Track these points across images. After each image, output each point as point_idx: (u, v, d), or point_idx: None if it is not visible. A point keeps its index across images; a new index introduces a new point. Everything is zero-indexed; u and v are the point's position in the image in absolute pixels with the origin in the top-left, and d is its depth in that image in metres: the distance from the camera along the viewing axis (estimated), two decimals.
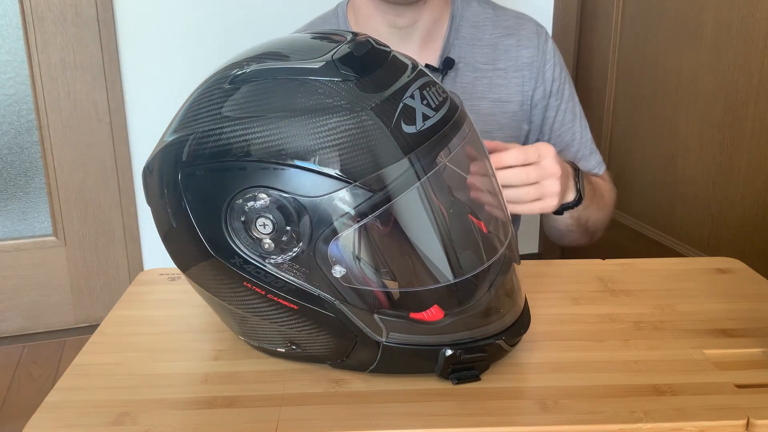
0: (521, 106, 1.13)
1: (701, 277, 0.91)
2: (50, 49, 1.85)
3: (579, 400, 0.65)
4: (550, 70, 1.14)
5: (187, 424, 0.63)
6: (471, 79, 1.12)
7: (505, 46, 1.13)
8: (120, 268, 2.06)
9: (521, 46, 1.13)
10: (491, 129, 1.12)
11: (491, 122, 1.12)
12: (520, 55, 1.13)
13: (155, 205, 0.68)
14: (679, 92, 1.74)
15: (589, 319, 0.80)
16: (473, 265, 0.69)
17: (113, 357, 0.75)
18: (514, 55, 1.13)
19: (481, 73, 1.12)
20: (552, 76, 1.14)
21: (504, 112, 1.13)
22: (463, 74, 1.12)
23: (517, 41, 1.13)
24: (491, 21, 1.14)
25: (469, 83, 1.12)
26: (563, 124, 1.16)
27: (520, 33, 1.14)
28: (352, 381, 0.69)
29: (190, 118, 0.66)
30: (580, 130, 1.17)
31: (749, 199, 1.57)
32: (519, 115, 1.13)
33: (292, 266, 0.63)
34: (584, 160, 1.16)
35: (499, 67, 1.12)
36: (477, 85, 1.12)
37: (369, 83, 0.63)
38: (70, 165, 1.94)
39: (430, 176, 0.63)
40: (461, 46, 1.12)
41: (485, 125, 1.12)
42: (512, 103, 1.13)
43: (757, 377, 0.69)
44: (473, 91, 1.12)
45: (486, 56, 1.12)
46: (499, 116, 1.12)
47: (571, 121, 1.16)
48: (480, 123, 1.10)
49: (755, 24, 1.50)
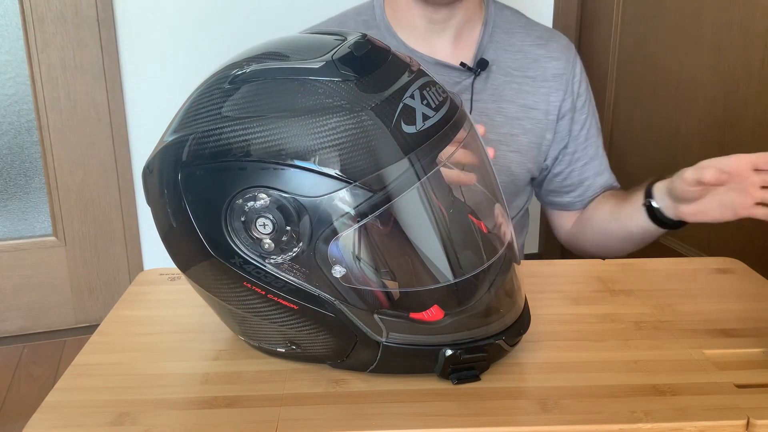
0: (546, 115, 1.16)
1: (701, 277, 0.91)
2: (50, 49, 1.85)
3: (579, 400, 0.65)
4: (578, 84, 1.17)
5: (187, 424, 0.63)
6: (501, 82, 1.14)
7: (536, 56, 1.16)
8: (120, 268, 2.06)
9: (551, 57, 1.16)
10: (517, 132, 1.15)
11: (517, 126, 1.15)
12: (549, 66, 1.16)
13: (155, 205, 0.68)
14: (679, 92, 1.74)
15: (589, 319, 0.80)
16: (473, 265, 0.69)
17: (113, 357, 0.75)
18: (543, 66, 1.16)
19: (511, 78, 1.15)
20: (579, 91, 1.17)
21: (529, 118, 1.15)
22: (494, 76, 1.14)
23: (547, 52, 1.16)
24: (524, 29, 1.17)
25: (500, 86, 1.14)
26: (588, 138, 1.18)
27: (550, 45, 1.17)
28: (352, 381, 0.69)
29: (190, 118, 0.66)
30: (601, 145, 1.21)
31: None
32: (543, 123, 1.16)
33: (292, 266, 0.63)
34: (605, 173, 1.20)
35: (528, 74, 1.15)
36: (506, 89, 1.14)
37: (369, 83, 0.63)
38: (70, 165, 1.94)
39: (430, 176, 0.63)
40: (495, 50, 1.14)
41: (512, 128, 1.14)
42: (538, 111, 1.15)
43: (757, 377, 0.69)
44: (503, 94, 1.14)
45: (517, 62, 1.15)
46: (525, 121, 1.15)
47: (596, 135, 1.20)
48: (507, 125, 1.13)
49: (755, 24, 1.50)
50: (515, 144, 1.15)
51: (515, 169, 1.15)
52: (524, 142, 1.15)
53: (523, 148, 1.15)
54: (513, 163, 1.15)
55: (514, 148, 1.14)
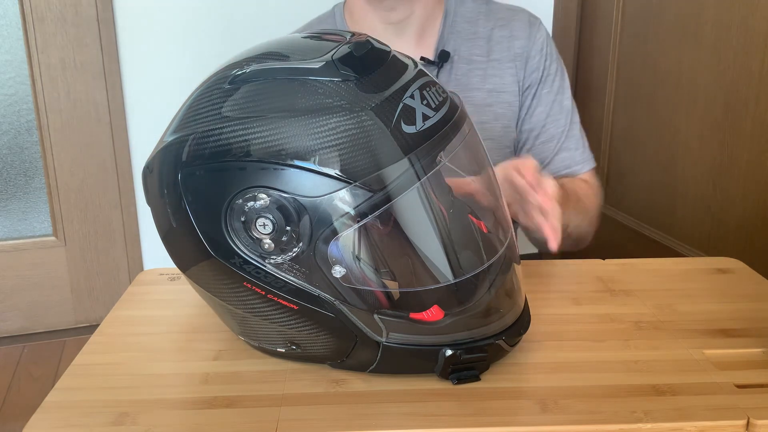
0: (516, 96, 1.14)
1: (701, 277, 0.91)
2: (50, 49, 1.85)
3: (579, 400, 0.65)
4: (538, 57, 1.14)
5: (187, 424, 0.63)
6: (466, 71, 1.12)
7: (498, 38, 1.14)
8: (120, 268, 2.06)
9: (513, 36, 1.14)
10: (488, 119, 1.13)
11: (487, 112, 1.13)
12: (512, 45, 1.14)
13: (155, 205, 0.68)
14: (679, 92, 1.74)
15: (589, 319, 0.80)
16: (473, 265, 0.69)
17: (113, 357, 0.75)
18: (507, 46, 1.14)
19: (476, 65, 1.13)
20: (541, 65, 1.14)
21: (500, 102, 1.13)
22: (457, 66, 1.12)
23: (509, 32, 1.14)
24: (484, 15, 1.16)
25: (464, 75, 1.12)
26: (548, 116, 1.15)
27: (512, 24, 1.15)
28: (352, 381, 0.69)
29: (190, 118, 0.66)
30: (569, 124, 1.16)
31: (749, 199, 1.57)
32: (515, 105, 1.14)
33: (292, 266, 0.63)
34: (567, 152, 1.15)
35: (493, 58, 1.13)
36: (471, 77, 1.13)
37: (369, 83, 0.63)
38: (70, 165, 1.94)
39: (430, 176, 0.63)
40: (456, 40, 1.13)
41: (481, 115, 1.12)
42: (507, 93, 1.13)
43: (757, 377, 0.69)
44: (468, 83, 1.12)
45: (481, 48, 1.13)
46: (495, 106, 1.13)
47: (558, 113, 1.15)
48: (476, 113, 1.09)
49: (755, 24, 1.50)
50: (488, 132, 1.12)
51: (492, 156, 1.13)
52: (497, 128, 1.13)
53: (496, 135, 1.13)
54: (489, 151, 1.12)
55: (487, 135, 1.11)
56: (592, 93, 2.09)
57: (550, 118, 1.15)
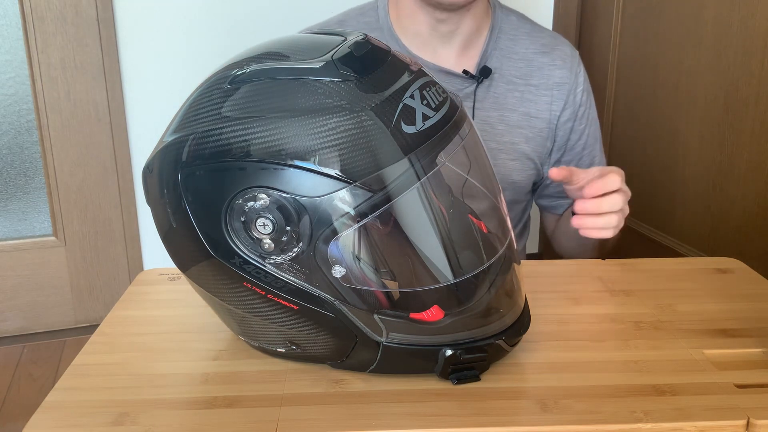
0: (548, 123, 1.15)
1: (701, 277, 0.91)
2: (50, 49, 1.85)
3: (579, 400, 0.65)
4: (580, 94, 1.17)
5: (187, 424, 0.63)
6: (504, 90, 1.14)
7: (540, 64, 1.15)
8: (120, 268, 2.06)
9: (555, 66, 1.15)
10: (519, 141, 1.14)
11: (519, 134, 1.14)
12: (552, 74, 1.15)
13: (155, 205, 0.68)
14: (679, 92, 1.74)
15: (589, 319, 0.80)
16: (473, 265, 0.69)
17: (113, 357, 0.75)
18: (547, 74, 1.15)
19: (514, 86, 1.14)
20: (581, 101, 1.17)
21: (531, 126, 1.15)
22: (497, 84, 1.13)
23: (551, 60, 1.15)
24: (528, 36, 1.16)
25: (502, 94, 1.13)
26: (585, 147, 1.18)
27: (554, 53, 1.16)
28: (352, 381, 0.69)
29: (190, 118, 0.66)
30: (600, 153, 1.21)
31: (749, 199, 1.57)
32: (545, 132, 1.15)
33: (292, 266, 0.63)
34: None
35: (531, 83, 1.14)
36: (509, 97, 1.14)
37: (369, 83, 0.63)
38: (70, 165, 1.94)
39: (430, 176, 0.63)
40: (498, 58, 1.14)
41: (513, 136, 1.14)
42: (539, 120, 1.15)
43: (757, 377, 0.69)
44: (504, 102, 1.13)
45: (520, 70, 1.14)
46: (527, 129, 1.14)
47: (593, 144, 1.19)
48: (508, 134, 1.12)
49: (755, 24, 1.50)
50: (516, 152, 1.14)
51: (516, 177, 1.15)
52: (526, 151, 1.15)
53: (524, 157, 1.15)
54: (514, 172, 1.14)
55: (515, 156, 1.14)
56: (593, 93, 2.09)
57: (586, 150, 1.19)
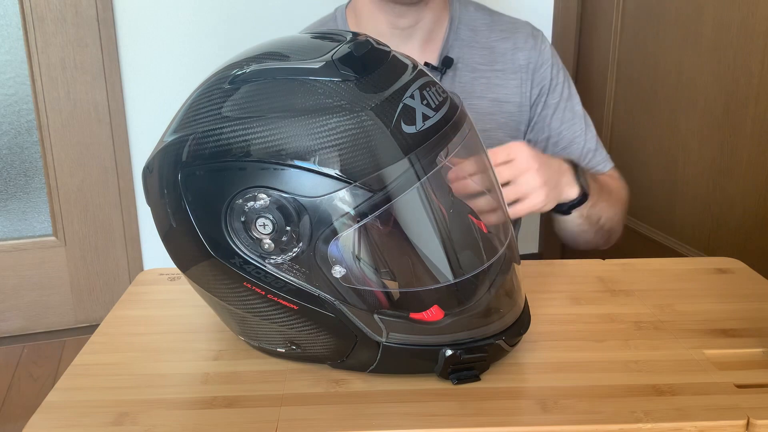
0: (519, 107, 1.14)
1: (701, 277, 0.91)
2: (50, 49, 1.85)
3: (579, 400, 0.65)
4: (547, 70, 1.15)
5: (187, 424, 0.63)
6: (469, 78, 1.13)
7: (502, 50, 1.15)
8: (120, 268, 2.06)
9: (517, 48, 1.15)
10: (490, 127, 1.13)
11: (490, 121, 1.13)
12: (516, 57, 1.14)
13: (155, 205, 0.68)
14: (679, 92, 1.74)
15: (589, 319, 0.80)
16: (473, 265, 0.69)
17: (113, 357, 0.75)
18: (510, 58, 1.14)
19: (479, 74, 1.13)
20: (549, 75, 1.15)
21: (502, 111, 1.14)
22: (461, 74, 1.13)
23: (513, 44, 1.15)
24: (487, 25, 1.16)
25: (468, 83, 1.13)
26: (563, 122, 1.16)
27: (515, 36, 1.15)
28: (352, 381, 0.69)
29: (190, 118, 0.66)
30: (584, 128, 1.17)
31: (749, 199, 1.57)
32: (517, 116, 1.15)
33: (292, 266, 0.63)
34: (588, 157, 1.16)
35: (496, 68, 1.14)
36: (475, 85, 1.13)
37: (369, 83, 0.63)
38: (70, 165, 1.94)
39: (430, 176, 0.63)
40: (460, 47, 1.13)
41: (484, 124, 1.13)
42: (510, 104, 1.14)
43: (757, 377, 0.69)
44: (471, 90, 1.13)
45: (484, 57, 1.14)
46: (498, 115, 1.14)
47: (571, 119, 1.16)
48: (479, 122, 1.10)
49: (755, 24, 1.49)
50: (489, 140, 1.12)
51: None
52: (499, 137, 1.13)
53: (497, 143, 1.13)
54: None
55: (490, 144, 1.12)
56: (592, 93, 2.09)
57: (564, 124, 1.16)
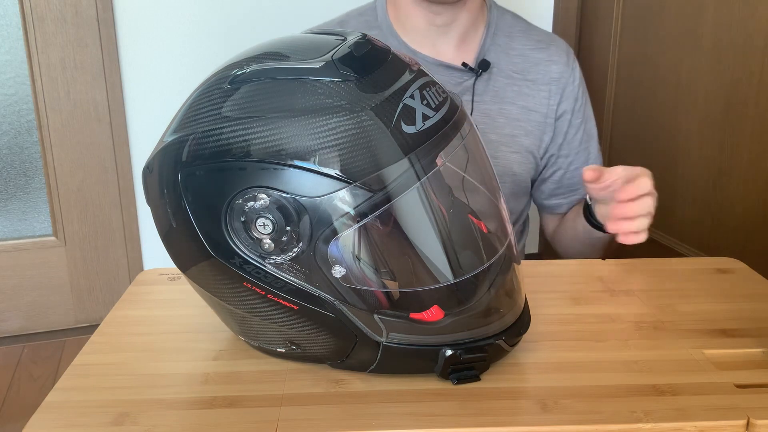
0: (545, 117, 1.17)
1: (701, 277, 0.91)
2: (50, 49, 1.85)
3: (579, 400, 0.65)
4: (576, 89, 1.19)
5: (187, 424, 0.63)
6: (503, 84, 1.16)
7: (536, 60, 1.17)
8: (120, 268, 2.06)
9: (551, 61, 1.18)
10: (518, 133, 1.16)
11: (518, 127, 1.16)
12: (549, 69, 1.17)
13: (155, 205, 0.68)
14: (679, 92, 1.74)
15: (589, 319, 0.80)
16: (473, 265, 0.69)
17: (113, 357, 0.75)
18: (544, 69, 1.17)
19: (512, 80, 1.16)
20: (577, 95, 1.19)
21: (530, 120, 1.17)
22: (496, 78, 1.15)
23: (547, 56, 1.18)
24: (524, 34, 1.19)
25: (501, 87, 1.15)
26: (580, 143, 1.20)
27: (550, 49, 1.19)
28: (352, 381, 0.69)
29: (190, 118, 0.66)
30: (596, 151, 1.22)
31: (749, 199, 1.57)
32: (542, 126, 1.17)
33: (292, 266, 0.63)
34: None
35: (528, 78, 1.17)
36: (508, 91, 1.16)
37: (369, 83, 0.63)
38: (70, 165, 1.94)
39: (430, 176, 0.63)
40: (496, 52, 1.16)
41: (513, 129, 1.16)
42: (537, 113, 1.17)
43: (757, 377, 0.69)
44: (504, 96, 1.15)
45: (517, 66, 1.17)
46: (525, 123, 1.16)
47: (587, 141, 1.21)
48: (509, 126, 1.14)
49: (755, 24, 1.49)
50: (517, 145, 1.15)
51: (517, 169, 1.16)
52: (525, 144, 1.16)
53: (524, 150, 1.16)
54: (515, 164, 1.16)
55: (516, 149, 1.15)
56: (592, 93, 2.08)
57: (582, 146, 1.20)
